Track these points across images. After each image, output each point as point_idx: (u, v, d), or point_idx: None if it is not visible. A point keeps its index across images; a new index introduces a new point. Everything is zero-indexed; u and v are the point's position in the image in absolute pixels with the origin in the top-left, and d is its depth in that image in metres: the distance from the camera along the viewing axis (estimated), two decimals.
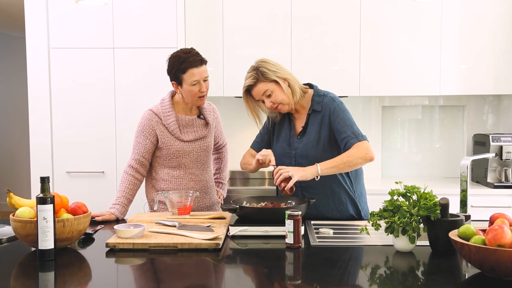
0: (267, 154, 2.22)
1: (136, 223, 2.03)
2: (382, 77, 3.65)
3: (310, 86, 2.41)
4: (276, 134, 2.43)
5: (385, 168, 4.04)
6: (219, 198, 2.67)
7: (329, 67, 3.66)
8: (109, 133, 3.45)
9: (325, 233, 2.03)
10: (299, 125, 2.38)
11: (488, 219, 1.71)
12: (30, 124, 3.46)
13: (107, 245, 1.82)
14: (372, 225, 1.79)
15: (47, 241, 1.68)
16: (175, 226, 2.02)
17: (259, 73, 2.26)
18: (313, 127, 2.32)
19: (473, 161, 3.11)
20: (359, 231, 1.86)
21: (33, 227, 1.73)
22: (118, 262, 1.74)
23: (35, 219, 1.72)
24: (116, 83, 3.43)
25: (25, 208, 1.83)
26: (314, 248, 1.84)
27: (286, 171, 2.12)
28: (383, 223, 1.78)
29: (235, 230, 1.98)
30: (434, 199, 1.76)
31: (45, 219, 1.68)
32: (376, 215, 1.80)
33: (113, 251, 1.81)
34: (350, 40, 3.64)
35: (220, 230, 1.97)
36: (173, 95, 2.50)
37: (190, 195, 2.26)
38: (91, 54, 3.42)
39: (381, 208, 1.80)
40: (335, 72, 3.66)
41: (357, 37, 3.63)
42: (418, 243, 1.79)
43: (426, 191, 1.78)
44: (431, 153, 4.05)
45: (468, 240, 1.50)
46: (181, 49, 2.41)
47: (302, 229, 1.90)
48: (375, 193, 2.76)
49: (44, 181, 1.71)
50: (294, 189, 2.13)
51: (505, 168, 3.54)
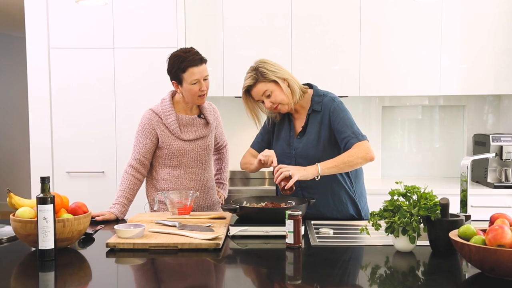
0: (269, 154, 2.21)
1: (136, 223, 2.03)
2: (382, 77, 3.65)
3: (310, 86, 2.41)
4: (276, 134, 2.43)
5: (385, 168, 4.04)
6: (219, 198, 2.67)
7: (329, 67, 3.66)
8: (109, 133, 3.45)
9: (325, 233, 2.03)
10: (299, 125, 2.37)
11: (488, 219, 1.71)
12: (30, 124, 3.46)
13: (107, 245, 1.82)
14: (372, 225, 1.79)
15: (47, 241, 1.68)
16: (175, 226, 2.02)
17: (258, 74, 2.26)
18: (313, 127, 2.32)
19: (473, 161, 3.11)
20: (359, 231, 1.86)
21: (33, 227, 1.74)
22: (118, 262, 1.74)
23: (35, 219, 1.72)
24: (116, 83, 3.43)
25: (25, 208, 1.83)
26: (314, 248, 1.84)
27: (287, 170, 2.12)
28: (383, 223, 1.78)
29: (235, 230, 1.98)
30: (434, 199, 1.76)
31: (45, 219, 1.68)
32: (376, 215, 1.80)
33: (113, 251, 1.81)
34: (350, 40, 3.64)
35: (220, 230, 1.97)
36: (173, 95, 2.50)
37: (190, 195, 2.26)
38: (91, 54, 3.42)
39: (381, 208, 1.80)
40: (335, 72, 3.66)
41: (357, 37, 3.63)
42: (418, 243, 1.79)
43: (426, 191, 1.79)
44: (431, 153, 4.05)
45: (468, 240, 1.50)
46: (180, 49, 2.41)
47: (302, 229, 1.90)
48: (375, 193, 2.76)
49: (45, 181, 1.71)
50: (294, 188, 2.13)
51: (505, 168, 3.54)
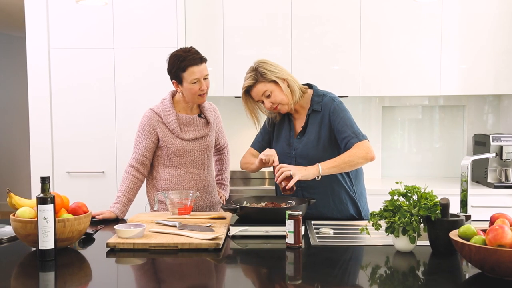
0: (271, 154, 2.21)
1: (136, 223, 2.03)
2: (382, 77, 3.65)
3: (310, 86, 2.41)
4: (276, 134, 2.43)
5: (385, 168, 4.04)
6: (220, 198, 2.67)
7: (329, 67, 3.66)
8: (109, 133, 3.45)
9: (325, 233, 2.03)
10: (299, 125, 2.37)
11: (488, 219, 1.71)
12: (31, 124, 3.46)
13: (107, 245, 1.82)
14: (373, 225, 1.79)
15: (47, 241, 1.68)
16: (175, 226, 2.02)
17: (258, 74, 2.26)
18: (313, 127, 2.32)
19: (473, 161, 3.11)
20: (359, 231, 1.86)
21: (33, 227, 1.74)
22: (118, 262, 1.74)
23: (36, 219, 1.73)
24: (116, 83, 3.43)
25: (25, 208, 1.83)
26: (314, 248, 1.84)
27: (288, 169, 2.12)
28: (383, 223, 1.78)
29: (235, 230, 1.98)
30: (435, 199, 1.76)
31: (45, 219, 1.68)
32: (376, 215, 1.80)
33: (114, 251, 1.81)
34: (350, 40, 3.64)
35: (220, 230, 1.97)
36: (173, 95, 2.50)
37: (191, 195, 2.26)
38: (91, 54, 3.42)
39: (382, 208, 1.80)
40: (335, 72, 3.66)
41: (357, 37, 3.63)
42: (419, 243, 1.79)
43: (426, 191, 1.79)
44: (431, 153, 4.05)
45: (468, 240, 1.50)
46: (180, 48, 2.41)
47: (303, 229, 1.90)
48: (375, 193, 2.76)
49: (45, 181, 1.71)
50: (295, 188, 2.13)
51: (505, 168, 3.54)
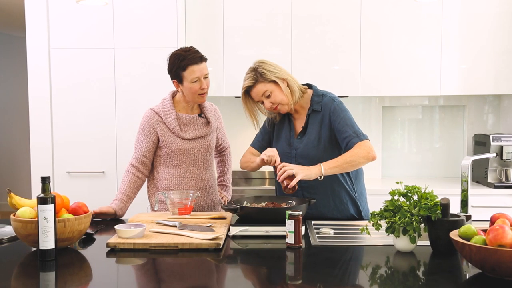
0: (273, 154, 2.21)
1: (136, 223, 2.03)
2: (382, 77, 3.65)
3: (309, 86, 2.41)
4: (276, 134, 2.43)
5: (385, 168, 4.04)
6: (222, 199, 2.66)
7: (329, 67, 3.66)
8: (109, 133, 3.45)
9: (325, 233, 2.03)
10: (299, 125, 2.37)
11: (489, 219, 1.71)
12: (31, 124, 3.46)
13: (107, 245, 1.82)
14: (373, 225, 1.79)
15: (47, 241, 1.68)
16: (175, 226, 2.02)
17: (257, 74, 2.26)
18: (313, 127, 2.32)
19: (474, 161, 3.11)
20: (359, 231, 1.86)
21: (33, 227, 1.74)
22: (118, 262, 1.74)
23: (36, 219, 1.73)
24: (117, 83, 3.43)
25: (25, 208, 1.83)
26: (314, 248, 1.84)
27: (290, 168, 2.12)
28: (383, 223, 1.78)
29: (235, 230, 1.98)
30: (435, 199, 1.76)
31: (46, 219, 1.68)
32: (376, 215, 1.80)
33: (114, 251, 1.81)
34: (350, 40, 3.64)
35: (220, 230, 1.96)
36: (174, 95, 2.50)
37: (191, 195, 2.26)
38: (92, 54, 3.42)
39: (382, 208, 1.80)
40: (335, 72, 3.66)
41: (357, 37, 3.63)
42: (419, 243, 1.79)
43: (427, 191, 1.79)
44: (431, 153, 4.05)
45: (469, 240, 1.50)
46: (181, 48, 2.42)
47: (303, 229, 1.90)
48: (375, 193, 2.76)
49: (45, 181, 1.71)
50: (297, 187, 2.13)
51: (505, 168, 3.55)
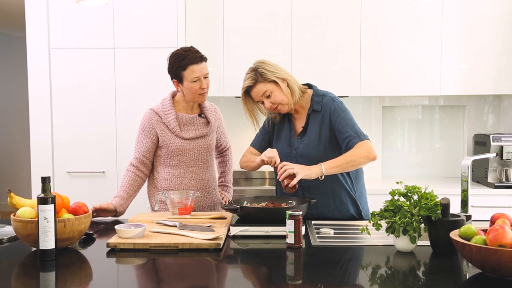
0: (273, 155, 2.20)
1: (137, 223, 2.03)
2: (382, 77, 3.65)
3: (309, 86, 2.40)
4: (276, 134, 2.43)
5: (385, 168, 4.04)
6: (223, 199, 2.66)
7: (329, 67, 3.66)
8: (109, 133, 3.45)
9: (325, 233, 2.03)
10: (299, 125, 2.37)
11: (489, 219, 1.71)
12: (31, 124, 3.46)
13: (108, 245, 1.82)
14: (373, 225, 1.79)
15: (48, 241, 1.68)
16: (176, 226, 2.02)
17: (257, 74, 2.26)
18: (313, 127, 2.31)
19: (474, 161, 3.11)
20: (360, 231, 1.86)
21: (34, 227, 1.74)
22: (119, 262, 1.74)
23: (36, 219, 1.73)
24: (117, 83, 3.43)
25: (26, 208, 1.83)
26: (315, 248, 1.84)
27: (291, 168, 2.12)
28: (384, 223, 1.78)
29: (236, 230, 1.98)
30: (435, 199, 1.76)
31: (46, 219, 1.68)
32: (377, 215, 1.80)
33: (114, 251, 1.81)
34: (350, 40, 3.64)
35: (221, 230, 1.96)
36: (174, 95, 2.51)
37: (191, 195, 2.26)
38: (92, 54, 3.42)
39: (382, 208, 1.80)
40: (335, 72, 3.66)
41: (357, 37, 3.63)
42: (419, 243, 1.79)
43: (427, 191, 1.78)
44: (432, 153, 4.05)
45: (469, 240, 1.50)
46: (181, 48, 2.42)
47: (303, 229, 1.90)
48: (375, 193, 2.76)
49: (45, 181, 1.71)
50: (297, 186, 2.12)
51: (505, 168, 3.55)
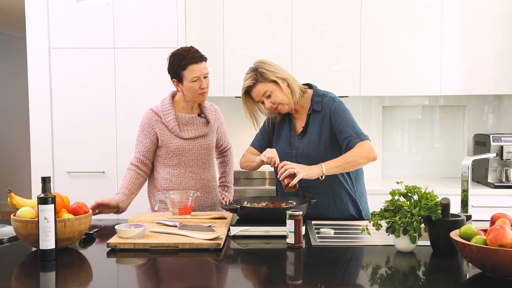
0: (272, 156, 2.20)
1: (137, 223, 2.03)
2: (382, 77, 3.65)
3: (310, 86, 2.41)
4: (276, 134, 2.43)
5: (385, 168, 4.04)
6: (223, 199, 2.66)
7: (329, 67, 3.66)
8: (109, 133, 3.45)
9: (326, 233, 2.03)
10: (299, 125, 2.37)
11: (489, 219, 1.71)
12: (31, 124, 3.46)
13: (108, 245, 1.82)
14: (373, 225, 1.79)
15: (48, 241, 1.68)
16: (176, 226, 2.02)
17: (258, 74, 2.26)
18: (313, 127, 2.31)
19: (474, 161, 3.11)
20: (360, 231, 1.86)
21: (34, 227, 1.74)
22: (119, 262, 1.74)
23: (36, 219, 1.73)
24: (117, 83, 3.43)
25: (26, 208, 1.83)
26: (315, 248, 1.84)
27: (292, 167, 2.12)
28: (384, 223, 1.78)
29: (236, 230, 1.98)
30: (435, 199, 1.76)
31: (46, 219, 1.68)
32: (377, 215, 1.80)
33: (114, 251, 1.81)
34: (350, 40, 3.64)
35: (221, 230, 1.96)
36: (173, 95, 2.51)
37: (191, 195, 2.26)
38: (92, 54, 3.42)
39: (382, 208, 1.80)
40: (335, 72, 3.66)
41: (357, 37, 3.63)
42: (419, 243, 1.79)
43: (427, 191, 1.78)
44: (432, 153, 4.05)
45: (469, 240, 1.50)
46: (181, 47, 2.42)
47: (303, 229, 1.90)
48: (375, 193, 2.76)
49: (45, 181, 1.71)
50: (298, 186, 2.12)
51: (505, 168, 3.54)
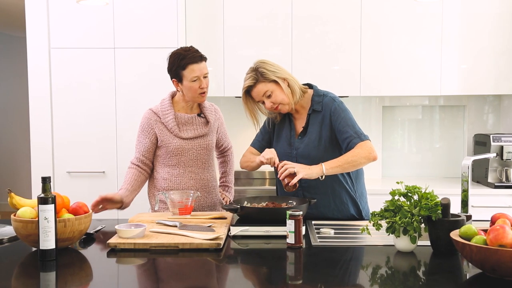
0: (271, 156, 2.20)
1: (137, 223, 2.03)
2: (382, 77, 3.65)
3: (310, 86, 2.41)
4: (276, 134, 2.43)
5: (385, 168, 4.04)
6: (223, 199, 2.66)
7: (329, 67, 3.66)
8: (109, 133, 3.45)
9: (326, 233, 2.03)
10: (300, 125, 2.37)
11: (489, 219, 1.71)
12: (31, 124, 3.46)
13: (108, 245, 1.82)
14: (373, 225, 1.79)
15: (48, 241, 1.68)
16: (176, 226, 2.02)
17: (258, 74, 2.26)
18: (313, 127, 2.32)
19: (474, 161, 3.11)
20: (360, 231, 1.86)
21: (34, 227, 1.74)
22: (119, 262, 1.75)
23: (36, 219, 1.73)
24: (117, 83, 3.43)
25: (26, 208, 1.83)
26: (315, 248, 1.84)
27: (292, 167, 2.12)
28: (384, 223, 1.78)
29: (236, 230, 1.98)
30: (435, 199, 1.76)
31: (46, 219, 1.68)
32: (377, 215, 1.80)
33: (114, 251, 1.81)
34: (350, 40, 3.64)
35: (221, 230, 1.96)
36: (173, 95, 2.51)
37: (191, 195, 2.26)
38: (92, 54, 3.42)
39: (382, 208, 1.80)
40: (335, 72, 3.66)
41: (357, 37, 3.63)
42: (419, 243, 1.79)
43: (427, 191, 1.79)
44: (432, 153, 4.05)
45: (469, 240, 1.50)
46: (181, 47, 2.42)
47: (303, 229, 1.90)
48: (375, 193, 2.76)
49: (46, 181, 1.71)
50: (298, 185, 2.13)
51: (505, 168, 3.54)
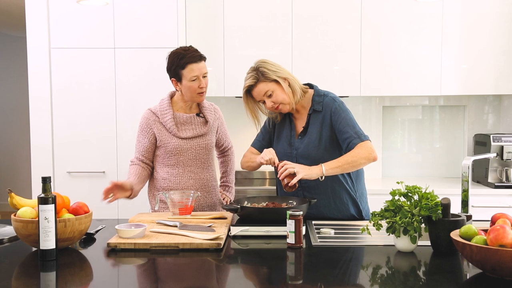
0: (271, 157, 2.21)
1: (137, 223, 2.03)
2: (382, 77, 3.65)
3: (310, 86, 2.41)
4: (277, 134, 2.43)
5: (385, 168, 4.04)
6: (224, 199, 2.66)
7: (330, 67, 3.66)
8: (110, 133, 3.45)
9: (326, 233, 2.03)
10: (300, 125, 2.37)
11: (489, 219, 1.71)
12: (31, 124, 3.46)
13: (108, 245, 1.82)
14: (374, 225, 1.79)
15: (48, 241, 1.69)
16: (176, 226, 2.02)
17: (259, 73, 2.26)
18: (314, 127, 2.32)
19: (474, 161, 3.12)
20: (360, 231, 1.86)
21: (34, 227, 1.74)
22: (119, 262, 1.74)
23: (37, 219, 1.73)
24: (117, 83, 3.43)
25: (26, 208, 1.83)
26: (315, 248, 1.84)
27: (292, 167, 2.12)
28: (384, 223, 1.78)
29: (236, 230, 1.98)
30: (436, 199, 1.76)
31: (46, 219, 1.68)
32: (377, 215, 1.80)
33: (115, 251, 1.81)
34: (351, 40, 3.64)
35: (221, 230, 1.97)
36: (172, 95, 2.51)
37: (191, 195, 2.26)
38: (92, 54, 3.42)
39: (383, 208, 1.80)
40: (336, 72, 3.66)
41: (358, 37, 3.63)
42: (420, 243, 1.79)
43: (427, 191, 1.79)
44: (432, 153, 4.05)
45: (469, 240, 1.50)
46: (180, 47, 2.42)
47: (304, 229, 1.90)
48: (375, 193, 2.77)
49: (46, 181, 1.71)
50: (297, 185, 2.13)
51: (506, 168, 3.54)
